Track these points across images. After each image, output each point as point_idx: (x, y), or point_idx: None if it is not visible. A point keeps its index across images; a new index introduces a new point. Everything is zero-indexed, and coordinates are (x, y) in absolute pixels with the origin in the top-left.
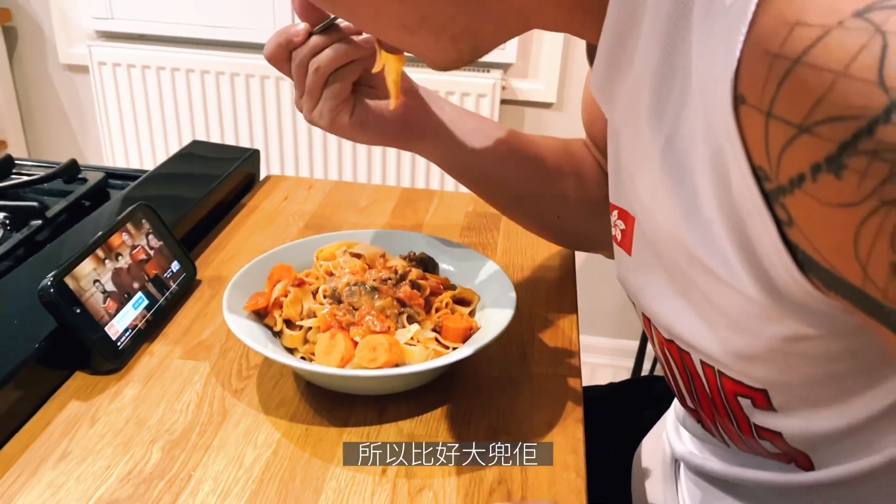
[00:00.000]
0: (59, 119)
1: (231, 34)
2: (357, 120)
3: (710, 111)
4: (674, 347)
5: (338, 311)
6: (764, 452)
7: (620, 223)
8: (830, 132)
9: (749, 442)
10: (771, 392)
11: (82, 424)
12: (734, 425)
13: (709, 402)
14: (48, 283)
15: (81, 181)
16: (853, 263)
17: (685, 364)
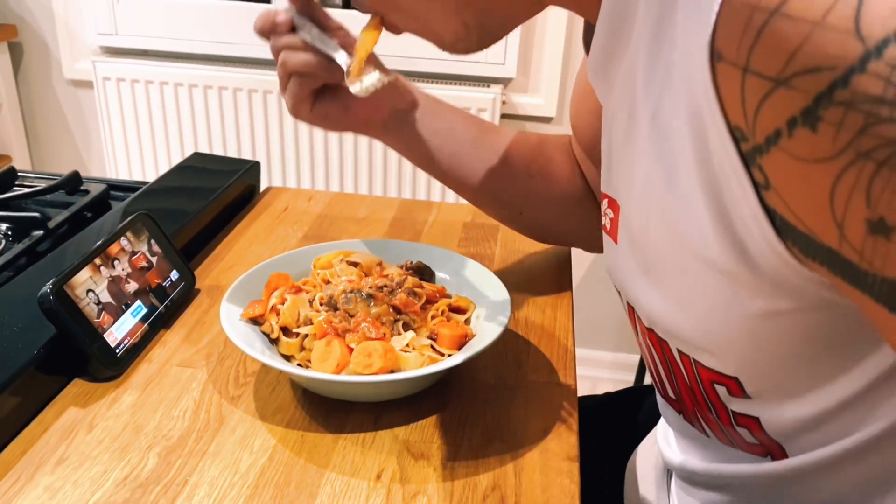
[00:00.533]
0: (63, 133)
1: (233, 50)
2: (318, 112)
3: (690, 74)
4: (654, 336)
5: (334, 318)
6: (742, 443)
7: (609, 212)
8: (806, 84)
9: (728, 430)
10: (742, 379)
11: (80, 430)
12: (713, 413)
13: (688, 392)
14: (48, 291)
15: (83, 193)
16: (830, 223)
17: (665, 353)
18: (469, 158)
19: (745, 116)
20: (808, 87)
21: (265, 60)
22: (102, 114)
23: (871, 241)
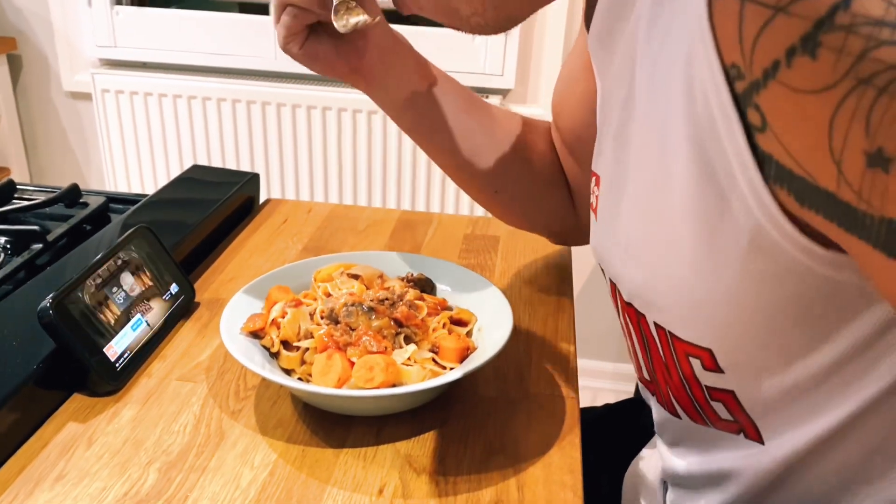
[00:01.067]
0: (62, 145)
1: (232, 61)
2: (308, 51)
3: (687, 17)
4: (632, 311)
5: (335, 331)
6: (715, 419)
7: (596, 189)
8: (806, 9)
9: (702, 408)
10: (716, 351)
11: (79, 446)
12: (687, 390)
13: (663, 369)
14: (47, 305)
15: (82, 205)
16: (827, 162)
17: (642, 329)
18: (453, 129)
19: (743, 51)
20: (808, 13)
21: (264, 72)
22: (101, 126)
23: (870, 176)
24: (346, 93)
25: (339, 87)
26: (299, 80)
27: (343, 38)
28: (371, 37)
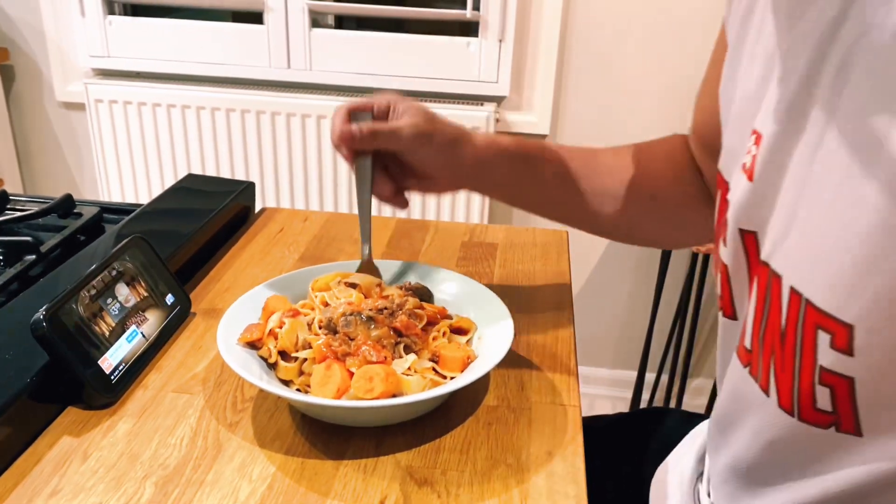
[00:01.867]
0: (55, 156)
1: (226, 70)
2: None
3: None
4: (765, 271)
5: (333, 341)
6: (808, 406)
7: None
8: None
9: (801, 391)
10: (858, 329)
11: (74, 460)
12: (796, 367)
13: (777, 339)
14: (41, 317)
15: (76, 216)
16: None
17: (770, 291)
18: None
19: None
20: None
21: (258, 81)
22: (95, 136)
23: None
24: (340, 101)
25: (332, 95)
26: (293, 88)
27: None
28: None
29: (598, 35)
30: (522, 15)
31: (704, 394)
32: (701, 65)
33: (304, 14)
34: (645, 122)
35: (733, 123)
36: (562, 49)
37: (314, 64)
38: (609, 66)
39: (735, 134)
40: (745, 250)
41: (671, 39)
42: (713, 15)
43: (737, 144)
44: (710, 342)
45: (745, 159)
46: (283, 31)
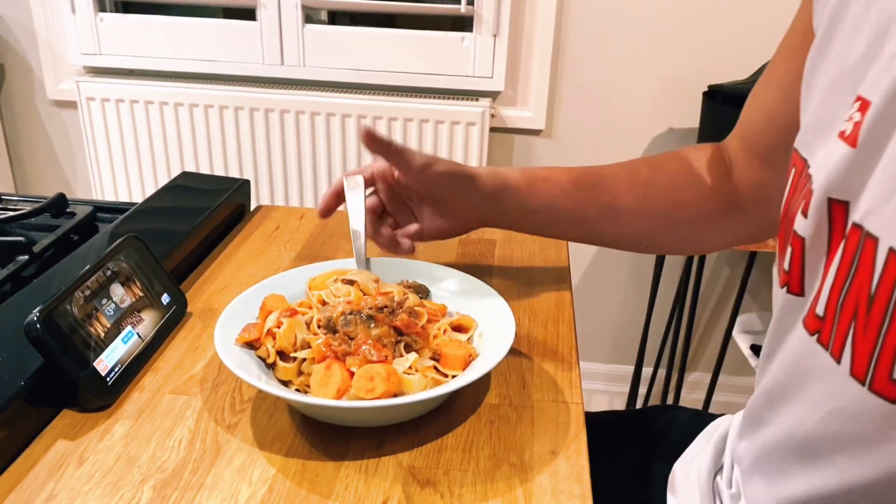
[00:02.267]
0: (47, 155)
1: (219, 67)
2: (409, 244)
3: None
4: (855, 236)
5: (333, 340)
6: (883, 379)
7: (858, 115)
8: None
9: (883, 355)
10: None
11: (70, 464)
12: (882, 328)
13: (861, 301)
14: (35, 319)
15: (69, 215)
16: None
17: (859, 254)
18: (571, 225)
19: None
20: None
21: (251, 78)
22: (87, 134)
23: None
24: (334, 97)
25: (326, 91)
26: (287, 85)
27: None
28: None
29: (593, 30)
30: (517, 9)
31: (702, 388)
32: (696, 58)
33: (297, 10)
34: (640, 116)
35: (824, 97)
36: (557, 44)
37: (308, 60)
38: (604, 61)
39: (827, 106)
40: (830, 220)
41: (666, 34)
42: (708, 8)
43: (827, 117)
44: (706, 336)
45: (843, 127)
46: (276, 28)
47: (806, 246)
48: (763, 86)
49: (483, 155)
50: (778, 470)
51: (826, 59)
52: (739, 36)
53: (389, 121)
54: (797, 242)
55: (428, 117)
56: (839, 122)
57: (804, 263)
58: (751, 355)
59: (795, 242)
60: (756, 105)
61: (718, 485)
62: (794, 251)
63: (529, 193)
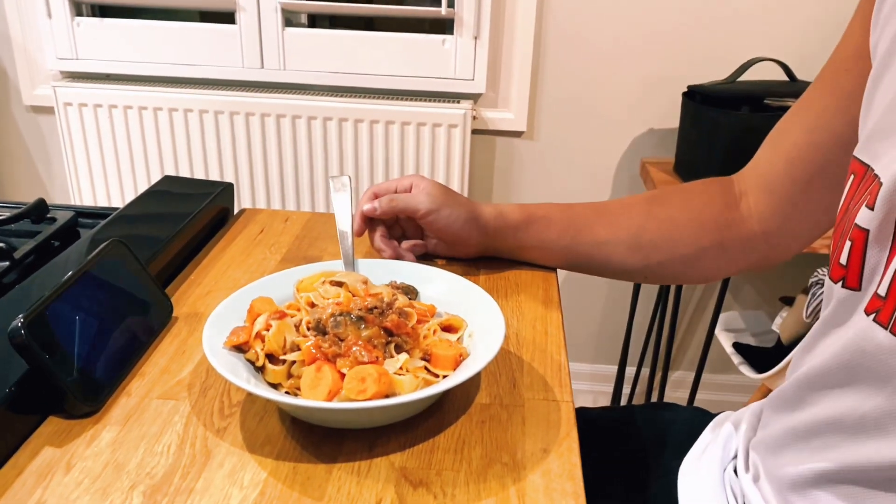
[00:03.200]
0: (24, 161)
1: (198, 72)
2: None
3: None
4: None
5: (323, 342)
6: None
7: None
8: None
9: None
10: None
11: (57, 471)
12: None
13: None
14: (19, 325)
15: (50, 221)
16: None
17: None
18: (566, 259)
19: None
20: None
21: (230, 81)
22: (65, 140)
23: None
24: (315, 100)
25: (307, 95)
26: (267, 88)
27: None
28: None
29: (573, 32)
30: (497, 12)
31: (685, 386)
32: (674, 60)
33: (276, 13)
34: (620, 117)
35: (888, 108)
36: (537, 46)
37: (288, 63)
38: (584, 62)
39: (890, 115)
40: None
41: (645, 35)
42: (686, 11)
43: (892, 123)
44: (688, 335)
45: None
46: (255, 31)
47: (869, 238)
48: (793, 119)
49: (465, 157)
50: (823, 445)
51: (889, 73)
52: (718, 36)
53: (371, 123)
54: (859, 235)
55: (410, 120)
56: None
57: (864, 257)
58: (733, 353)
59: (857, 235)
60: (778, 145)
61: (729, 477)
62: (854, 244)
63: (527, 232)
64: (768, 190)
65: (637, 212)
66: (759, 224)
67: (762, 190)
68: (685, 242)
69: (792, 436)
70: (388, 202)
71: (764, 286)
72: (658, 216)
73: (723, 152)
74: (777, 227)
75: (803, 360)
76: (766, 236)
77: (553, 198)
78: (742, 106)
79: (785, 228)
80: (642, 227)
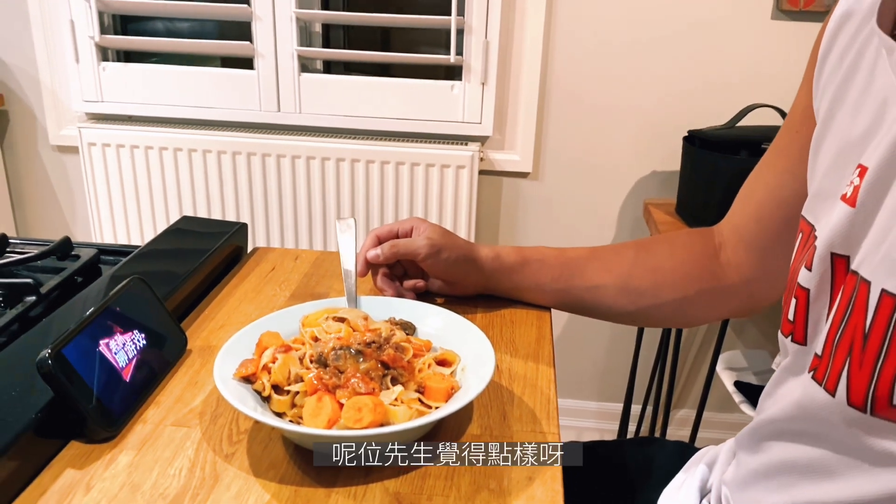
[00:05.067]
0: (48, 199)
1: (217, 114)
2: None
3: None
4: (852, 281)
5: (324, 374)
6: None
7: (857, 180)
8: None
9: (880, 386)
10: None
11: (77, 492)
12: (877, 363)
13: (857, 339)
14: (46, 355)
15: (74, 258)
16: None
17: (855, 297)
18: (559, 300)
19: None
20: None
21: (248, 124)
22: (88, 179)
23: None
24: (329, 142)
25: (321, 137)
26: (283, 131)
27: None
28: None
29: (577, 78)
30: (504, 59)
31: (688, 424)
32: (675, 105)
33: (293, 59)
34: (623, 159)
35: (828, 170)
36: (542, 91)
37: (303, 107)
38: (588, 107)
39: (831, 176)
40: (833, 273)
41: (647, 81)
42: (686, 57)
43: (831, 186)
44: (692, 374)
45: (845, 190)
46: (273, 76)
47: (811, 297)
48: (757, 177)
49: (473, 196)
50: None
51: (829, 137)
52: (716, 84)
53: (382, 164)
54: (801, 293)
55: (419, 161)
56: (841, 187)
57: (808, 314)
58: (734, 391)
59: (800, 293)
60: (747, 202)
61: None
62: (798, 302)
63: (523, 274)
64: (743, 242)
65: (626, 258)
66: (738, 274)
67: (738, 242)
68: (670, 290)
69: (754, 475)
70: (390, 248)
71: (767, 325)
72: (645, 264)
73: (722, 195)
74: (754, 276)
75: (765, 404)
76: (745, 285)
77: (558, 235)
78: (741, 150)
79: (762, 278)
80: (630, 274)
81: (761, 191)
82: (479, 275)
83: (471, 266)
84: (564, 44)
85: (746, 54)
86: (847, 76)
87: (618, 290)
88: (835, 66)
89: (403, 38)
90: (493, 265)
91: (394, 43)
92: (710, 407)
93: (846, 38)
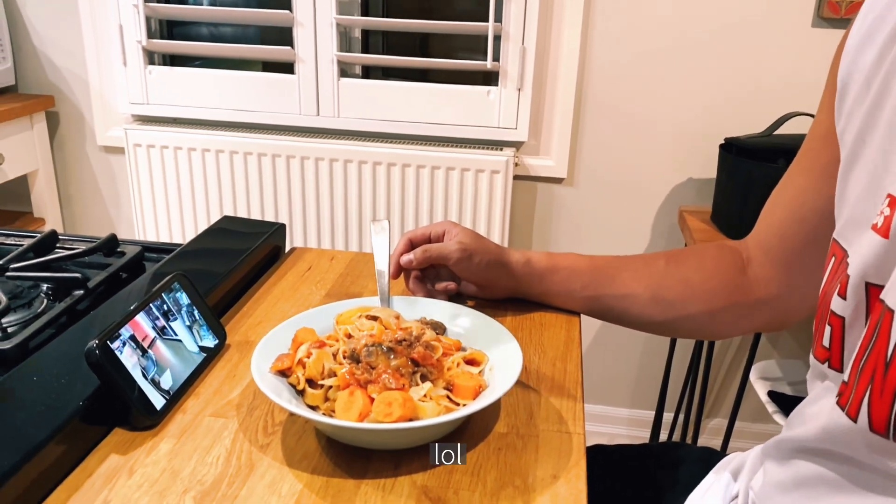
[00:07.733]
0: (95, 197)
1: (258, 117)
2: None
3: None
4: (880, 307)
5: (356, 370)
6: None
7: (887, 210)
8: None
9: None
10: None
11: (121, 476)
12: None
13: (879, 367)
14: (94, 346)
15: (119, 255)
16: None
17: (880, 325)
18: (588, 307)
19: None
20: None
21: (288, 127)
22: (133, 179)
23: None
24: (366, 146)
25: (358, 141)
26: (322, 134)
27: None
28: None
29: (613, 84)
30: (540, 65)
31: (720, 434)
32: (712, 112)
33: (333, 64)
34: (659, 167)
35: (859, 198)
36: (578, 97)
37: (342, 111)
38: (624, 113)
39: (860, 205)
40: (868, 302)
41: (684, 89)
42: (724, 64)
43: (862, 213)
44: (725, 383)
45: (875, 220)
46: (313, 81)
47: (846, 325)
48: (779, 194)
49: (507, 201)
50: (807, 495)
51: (860, 164)
52: (754, 92)
53: (418, 168)
54: (836, 321)
55: (455, 165)
56: (872, 217)
57: (843, 342)
58: (767, 401)
59: (834, 321)
60: (770, 219)
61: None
62: (833, 329)
63: (553, 280)
64: (768, 258)
65: (657, 268)
66: (765, 289)
67: (763, 258)
68: (699, 302)
69: (781, 485)
70: (423, 254)
71: (803, 335)
72: (675, 275)
73: (758, 203)
74: (780, 292)
75: (794, 420)
76: (773, 300)
77: (591, 241)
78: (778, 159)
79: (788, 294)
80: (660, 285)
81: (784, 207)
82: (509, 279)
83: (502, 270)
84: (601, 50)
85: (786, 62)
86: (876, 102)
87: (647, 300)
88: (860, 92)
89: (442, 43)
90: (523, 270)
91: (432, 48)
92: (743, 417)
93: (870, 61)
